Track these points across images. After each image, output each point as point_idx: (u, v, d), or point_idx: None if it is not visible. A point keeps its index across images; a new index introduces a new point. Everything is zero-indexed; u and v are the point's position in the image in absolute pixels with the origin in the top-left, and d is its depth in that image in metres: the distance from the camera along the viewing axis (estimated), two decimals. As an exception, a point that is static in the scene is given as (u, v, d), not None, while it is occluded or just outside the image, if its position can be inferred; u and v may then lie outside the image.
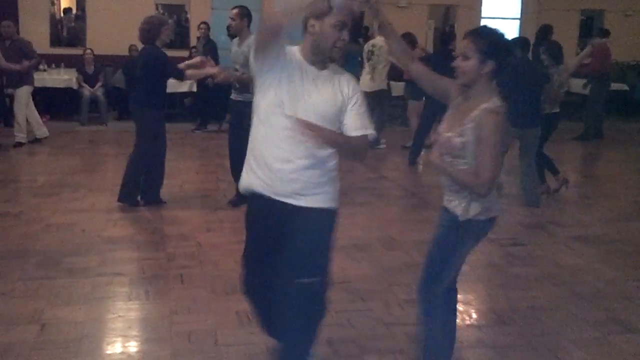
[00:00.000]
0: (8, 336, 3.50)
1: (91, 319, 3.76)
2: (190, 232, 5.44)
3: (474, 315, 4.11)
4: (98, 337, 3.58)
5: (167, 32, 5.94)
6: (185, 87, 10.71)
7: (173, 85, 9.17)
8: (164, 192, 6.26)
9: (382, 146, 9.80)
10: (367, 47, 9.92)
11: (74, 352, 3.35)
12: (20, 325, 3.64)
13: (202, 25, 10.99)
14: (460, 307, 4.14)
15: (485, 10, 15.05)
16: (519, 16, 15.54)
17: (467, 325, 3.94)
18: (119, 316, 3.81)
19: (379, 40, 9.69)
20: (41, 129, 9.18)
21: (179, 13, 13.36)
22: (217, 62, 8.57)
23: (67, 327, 3.63)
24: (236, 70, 6.06)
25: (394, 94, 11.15)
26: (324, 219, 2.85)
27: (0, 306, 3.88)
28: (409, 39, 9.55)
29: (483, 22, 14.79)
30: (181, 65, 6.10)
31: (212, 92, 10.11)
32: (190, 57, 11.37)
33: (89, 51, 11.24)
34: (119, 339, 3.56)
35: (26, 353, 3.33)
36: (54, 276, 4.38)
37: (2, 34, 8.51)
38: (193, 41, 12.33)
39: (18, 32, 9.46)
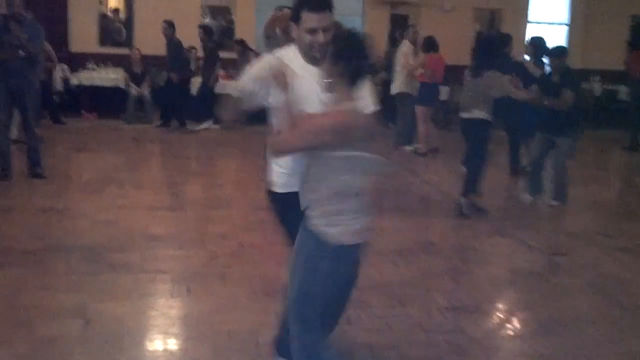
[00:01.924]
0: (53, 329, 3.58)
1: (133, 315, 3.81)
2: (231, 231, 5.48)
3: (516, 325, 4.05)
4: (140, 333, 3.63)
5: None
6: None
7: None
8: (206, 191, 6.33)
9: (409, 148, 9.91)
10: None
11: (117, 348, 3.41)
12: (64, 319, 3.71)
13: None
14: (501, 315, 4.11)
15: (532, 15, 14.82)
16: (567, 22, 15.25)
17: (509, 335, 3.88)
18: (161, 313, 3.86)
19: (403, 43, 9.98)
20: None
21: (224, 15, 13.49)
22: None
23: (110, 322, 3.69)
24: None
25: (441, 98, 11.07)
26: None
27: (46, 300, 3.96)
28: (430, 43, 9.53)
29: (530, 27, 14.59)
30: None
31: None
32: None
33: (136, 51, 11.43)
34: (161, 335, 3.61)
35: (70, 346, 3.39)
36: (97, 271, 4.46)
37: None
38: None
39: (66, 32, 9.45)
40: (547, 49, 7.46)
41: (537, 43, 8.10)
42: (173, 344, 3.54)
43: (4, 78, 6.76)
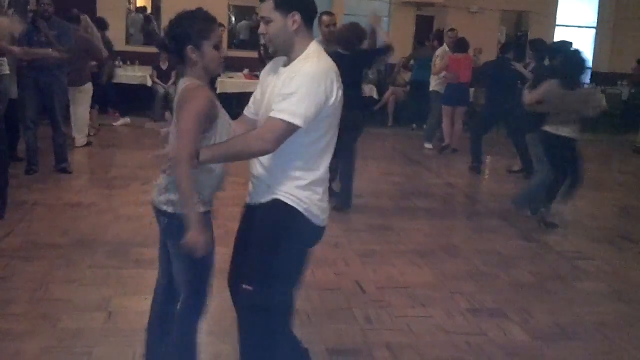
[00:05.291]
0: (77, 322, 3.63)
1: (156, 310, 3.85)
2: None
3: (538, 329, 4.01)
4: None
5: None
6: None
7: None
8: (231, 189, 6.35)
9: (429, 146, 10.10)
10: None
11: (140, 341, 3.42)
12: (89, 312, 3.76)
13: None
14: (524, 319, 4.08)
15: (560, 18, 14.68)
16: (594, 25, 15.09)
17: (531, 339, 3.85)
18: (183, 308, 3.89)
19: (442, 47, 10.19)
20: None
21: (250, 14, 13.56)
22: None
23: (134, 316, 3.73)
24: None
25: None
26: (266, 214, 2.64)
27: (71, 293, 4.02)
28: (457, 44, 9.62)
29: (558, 31, 14.46)
30: None
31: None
32: (260, 57, 11.67)
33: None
34: (182, 330, 3.64)
35: (94, 339, 3.44)
36: (122, 266, 4.51)
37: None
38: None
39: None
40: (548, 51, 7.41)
41: (539, 46, 8.03)
42: (195, 339, 3.56)
43: (34, 76, 6.87)
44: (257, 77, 11.35)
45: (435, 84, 10.04)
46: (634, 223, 6.72)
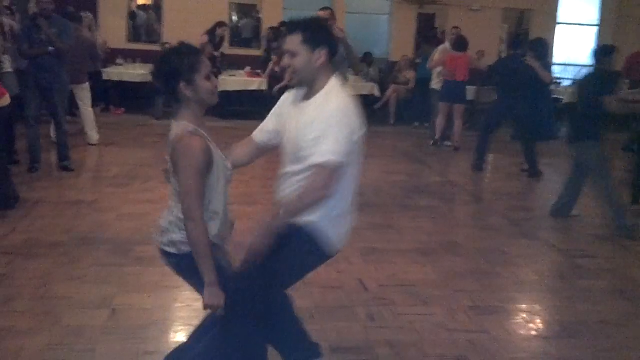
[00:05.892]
0: (80, 319, 3.64)
1: (159, 307, 3.86)
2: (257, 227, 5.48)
3: (541, 327, 4.01)
4: (165, 324, 3.67)
5: None
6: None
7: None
8: (232, 187, 6.35)
9: (431, 142, 10.23)
10: None
11: (142, 338, 3.45)
12: (91, 310, 3.77)
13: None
14: (526, 317, 4.08)
15: (562, 16, 14.67)
16: (596, 22, 15.07)
17: (533, 337, 3.85)
18: (186, 305, 3.89)
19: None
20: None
21: (250, 13, 13.55)
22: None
23: (136, 313, 3.74)
24: None
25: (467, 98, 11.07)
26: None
27: (73, 290, 4.03)
28: (455, 42, 9.67)
29: (559, 28, 14.45)
30: None
31: None
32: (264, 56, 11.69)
33: (167, 45, 11.51)
34: (185, 327, 3.63)
35: (97, 336, 3.45)
36: (124, 263, 4.52)
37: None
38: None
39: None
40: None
41: (540, 46, 8.01)
42: (197, 337, 3.57)
43: (34, 74, 6.87)
44: (259, 75, 11.39)
45: (434, 82, 10.13)
46: (635, 221, 6.70)
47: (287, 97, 2.82)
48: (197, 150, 2.42)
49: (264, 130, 2.89)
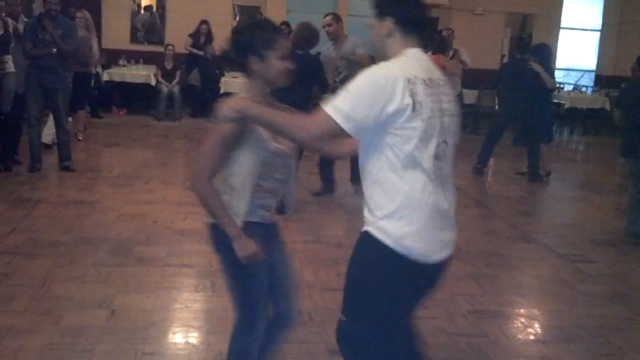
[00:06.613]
0: (80, 319, 3.64)
1: (158, 308, 3.86)
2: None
3: (540, 331, 4.02)
4: (164, 325, 3.68)
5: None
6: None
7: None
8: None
9: None
10: None
11: (141, 339, 3.45)
12: (91, 310, 3.77)
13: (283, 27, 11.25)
14: (525, 321, 4.09)
15: (565, 21, 14.67)
16: (599, 27, 15.07)
17: (533, 341, 3.85)
18: (185, 306, 3.90)
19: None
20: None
21: (254, 14, 13.56)
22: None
23: (136, 314, 3.75)
24: (339, 73, 6.31)
25: (467, 101, 11.05)
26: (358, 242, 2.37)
27: (74, 290, 4.03)
28: (439, 45, 9.33)
29: (562, 33, 14.45)
30: None
31: None
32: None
33: (170, 47, 11.54)
34: (185, 328, 3.65)
35: (96, 336, 3.45)
36: (124, 264, 4.53)
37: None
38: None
39: (99, 29, 9.58)
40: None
41: (543, 51, 8.02)
42: (196, 337, 3.57)
43: (38, 74, 6.88)
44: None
45: None
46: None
47: None
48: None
49: None
